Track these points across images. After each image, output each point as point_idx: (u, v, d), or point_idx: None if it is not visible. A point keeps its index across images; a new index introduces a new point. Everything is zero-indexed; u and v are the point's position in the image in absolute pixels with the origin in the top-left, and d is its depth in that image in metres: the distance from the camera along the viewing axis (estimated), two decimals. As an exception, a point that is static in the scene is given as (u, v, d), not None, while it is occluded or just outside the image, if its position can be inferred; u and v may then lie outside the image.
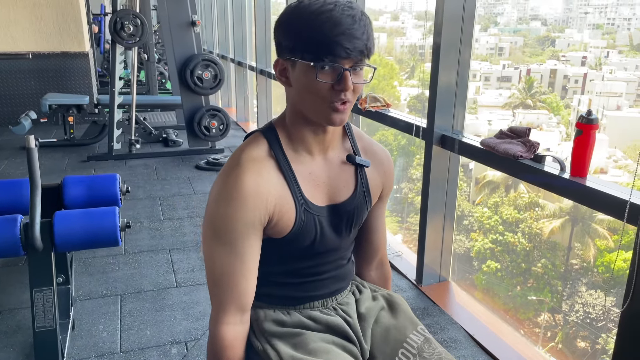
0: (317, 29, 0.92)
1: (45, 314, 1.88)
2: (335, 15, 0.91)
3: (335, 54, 0.92)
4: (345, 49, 0.92)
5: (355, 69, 0.96)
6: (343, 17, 0.92)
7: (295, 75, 0.97)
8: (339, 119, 0.98)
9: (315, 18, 0.92)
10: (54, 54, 6.24)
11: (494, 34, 35.58)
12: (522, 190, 17.15)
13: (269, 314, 1.13)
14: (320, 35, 0.92)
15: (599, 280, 14.04)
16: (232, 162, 1.02)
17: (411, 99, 24.83)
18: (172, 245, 3.13)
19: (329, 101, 0.96)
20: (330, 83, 0.95)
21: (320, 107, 0.97)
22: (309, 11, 0.93)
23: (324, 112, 0.98)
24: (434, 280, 2.65)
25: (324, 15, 0.92)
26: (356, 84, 0.96)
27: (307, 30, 0.93)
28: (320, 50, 0.92)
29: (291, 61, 0.97)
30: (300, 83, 0.97)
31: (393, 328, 1.15)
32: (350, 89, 0.96)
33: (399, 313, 1.19)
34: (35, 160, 1.87)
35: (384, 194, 1.21)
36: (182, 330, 2.28)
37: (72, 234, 1.86)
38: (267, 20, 5.59)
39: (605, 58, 29.56)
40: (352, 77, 0.95)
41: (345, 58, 0.93)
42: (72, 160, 4.92)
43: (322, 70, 0.94)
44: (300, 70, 0.96)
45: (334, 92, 0.95)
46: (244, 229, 0.99)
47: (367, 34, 0.94)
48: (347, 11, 0.93)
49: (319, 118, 1.00)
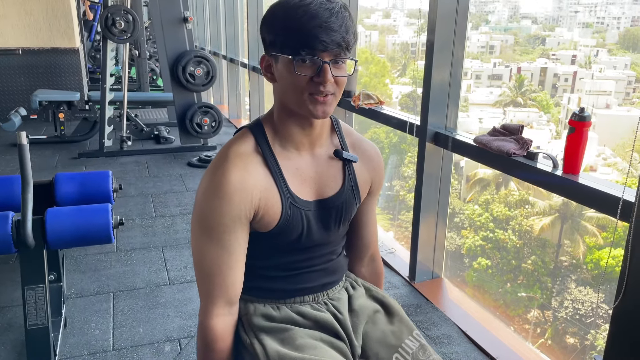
0: (294, 23, 0.94)
1: (37, 311, 1.87)
2: (312, 9, 0.93)
3: (312, 47, 0.94)
4: (322, 42, 0.93)
5: (337, 62, 0.97)
6: (320, 11, 0.93)
7: (279, 71, 0.99)
8: (322, 111, 0.99)
9: (293, 12, 0.94)
10: (43, 50, 6.17)
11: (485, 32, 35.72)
12: (513, 188, 17.27)
13: (259, 308, 1.13)
14: (297, 29, 0.94)
15: (588, 277, 14.18)
16: (219, 157, 1.04)
17: (403, 96, 24.88)
18: (164, 243, 3.12)
19: (309, 93, 0.97)
20: (310, 76, 0.96)
21: (302, 100, 0.98)
22: (288, 6, 0.95)
23: (306, 104, 0.99)
24: (426, 277, 2.66)
25: (301, 9, 0.94)
26: (337, 77, 0.98)
27: (285, 24, 0.95)
28: (297, 43, 0.94)
29: (274, 57, 0.99)
30: (283, 78, 0.99)
31: (389, 332, 1.16)
32: (331, 82, 0.97)
33: (395, 317, 1.20)
34: (26, 156, 1.85)
35: (373, 190, 1.22)
36: (175, 328, 2.27)
37: (64, 231, 1.84)
38: (259, 17, 5.56)
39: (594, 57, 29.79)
40: (333, 70, 0.96)
41: (322, 51, 0.94)
42: (62, 157, 4.88)
43: (303, 63, 0.95)
44: (282, 65, 0.98)
45: (314, 84, 0.97)
46: (230, 223, 1.01)
47: (345, 26, 0.95)
48: (324, 4, 0.94)
49: (302, 111, 1.01)
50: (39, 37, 6.11)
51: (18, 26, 6.00)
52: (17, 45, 6.04)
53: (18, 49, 6.03)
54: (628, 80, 26.90)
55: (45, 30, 6.12)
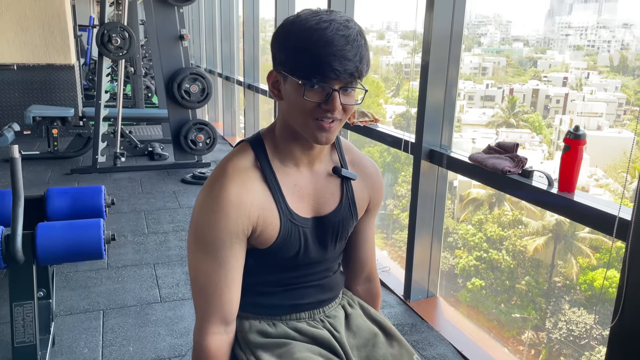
0: (308, 48, 0.91)
1: (25, 328, 1.83)
2: (328, 35, 0.90)
3: (324, 74, 0.91)
4: (334, 71, 0.91)
5: (346, 90, 0.95)
6: (336, 38, 0.90)
7: (286, 90, 0.97)
8: (325, 138, 0.98)
9: (308, 36, 0.91)
10: (39, 66, 6.18)
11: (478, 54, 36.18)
12: (506, 208, 17.30)
13: (254, 324, 1.11)
14: (311, 55, 0.91)
15: (582, 298, 14.14)
16: (217, 171, 1.02)
17: (397, 116, 25.04)
18: (156, 260, 3.08)
19: (315, 119, 0.96)
20: (318, 102, 0.94)
21: (307, 124, 0.97)
22: (304, 27, 0.92)
23: (311, 129, 0.97)
24: (421, 296, 2.63)
25: (317, 33, 0.90)
26: (345, 105, 0.96)
27: (299, 47, 0.92)
28: (309, 69, 0.92)
29: (283, 75, 0.97)
30: (289, 98, 0.97)
31: (390, 355, 1.14)
32: (339, 109, 0.95)
33: (395, 340, 1.18)
34: (18, 170, 1.83)
35: (371, 207, 1.20)
36: (166, 347, 2.23)
37: (55, 246, 1.81)
38: (255, 36, 5.61)
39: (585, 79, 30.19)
40: (342, 98, 0.94)
41: (334, 79, 0.92)
42: (55, 173, 4.84)
43: (311, 89, 0.93)
44: (291, 87, 0.95)
45: (322, 110, 0.95)
46: (227, 239, 0.99)
47: (359, 55, 0.92)
48: (341, 31, 0.91)
49: (306, 134, 0.99)
50: (35, 53, 6.12)
51: (14, 42, 6.01)
52: (12, 61, 6.04)
53: (13, 65, 6.03)
54: (619, 102, 27.23)
55: (41, 47, 6.13)
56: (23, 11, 5.96)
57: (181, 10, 4.88)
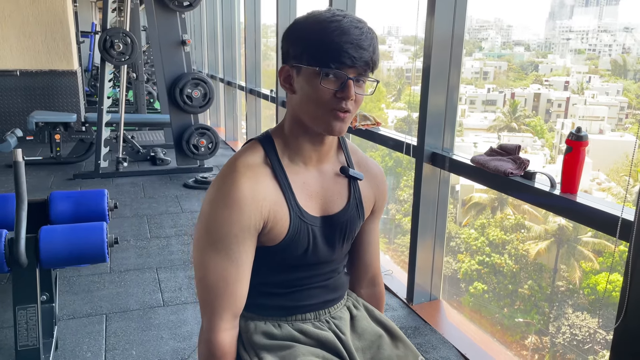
0: (325, 36, 0.94)
1: (29, 332, 1.83)
2: (344, 25, 0.94)
3: (341, 61, 0.94)
4: (351, 57, 0.94)
5: (359, 80, 0.98)
6: (352, 28, 0.94)
7: (299, 82, 0.99)
8: (339, 128, 0.99)
9: (325, 26, 0.95)
10: (41, 72, 6.20)
11: (479, 59, 36.23)
12: (509, 212, 17.27)
13: (260, 325, 1.11)
14: (329, 42, 0.94)
15: (585, 302, 14.09)
16: (227, 168, 1.03)
17: (398, 121, 25.06)
18: (159, 264, 3.08)
19: (331, 108, 0.97)
20: (333, 90, 0.96)
21: (321, 114, 0.98)
22: (319, 20, 0.96)
23: (325, 119, 0.98)
24: (424, 299, 2.63)
25: (334, 24, 0.94)
26: (358, 95, 0.98)
27: (316, 36, 0.96)
28: (327, 55, 0.94)
29: (297, 68, 0.99)
30: (303, 90, 0.98)
31: (395, 357, 1.14)
32: (352, 98, 0.97)
33: (400, 342, 1.18)
34: (22, 174, 1.83)
35: (376, 208, 1.21)
36: (169, 350, 2.22)
37: (58, 249, 1.82)
38: (256, 41, 5.64)
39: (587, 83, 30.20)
40: (355, 88, 0.97)
41: (350, 67, 0.95)
42: (57, 179, 4.85)
43: (327, 77, 0.95)
44: (305, 77, 0.97)
45: (336, 99, 0.97)
46: (240, 234, 0.99)
47: (373, 46, 0.97)
48: (355, 23, 0.96)
49: (319, 126, 1.00)
50: (37, 60, 6.15)
51: (17, 48, 6.04)
52: (15, 67, 6.07)
53: (16, 71, 6.06)
54: (620, 106, 27.22)
55: (44, 53, 6.16)
56: (26, 18, 5.99)
57: (183, 15, 4.90)
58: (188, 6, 4.86)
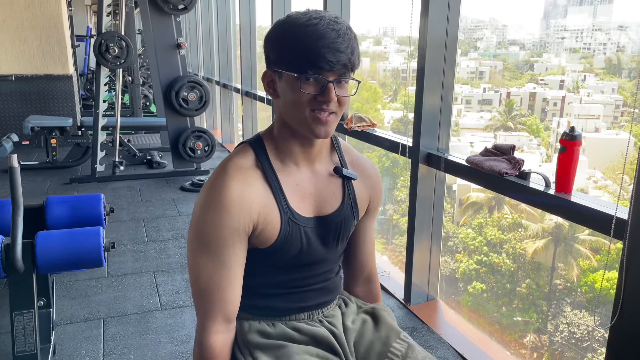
0: (301, 42, 0.95)
1: (26, 338, 1.83)
2: (320, 29, 0.94)
3: (318, 66, 0.95)
4: (328, 62, 0.94)
5: (340, 82, 0.98)
6: (327, 31, 0.94)
7: (282, 87, 1.00)
8: (324, 131, 1.00)
9: (300, 31, 0.95)
10: (37, 77, 6.19)
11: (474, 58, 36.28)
12: (506, 211, 17.30)
13: (254, 325, 1.12)
14: (305, 48, 0.94)
15: (583, 301, 14.11)
16: (218, 171, 1.04)
17: (394, 121, 25.09)
18: (156, 268, 3.08)
19: (312, 112, 0.98)
20: (314, 94, 0.97)
21: (304, 118, 0.99)
22: (295, 25, 0.96)
23: (308, 123, 0.99)
24: (422, 299, 2.63)
25: (309, 28, 0.94)
26: (340, 97, 0.99)
27: (293, 42, 0.96)
28: (304, 62, 0.95)
29: (278, 73, 1.00)
30: (286, 94, 0.99)
31: (376, 340, 1.15)
32: (334, 101, 0.98)
33: (382, 325, 1.19)
34: (17, 179, 1.83)
35: (371, 208, 1.21)
36: (167, 354, 2.22)
37: (55, 254, 1.82)
38: (252, 43, 5.63)
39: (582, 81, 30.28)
40: (337, 90, 0.98)
41: (328, 70, 0.96)
42: (54, 183, 4.85)
43: (306, 81, 0.96)
44: (286, 82, 0.98)
45: (317, 102, 0.97)
46: (230, 237, 1.00)
47: (351, 47, 0.97)
48: (332, 25, 0.95)
49: (304, 130, 1.01)
50: (33, 64, 6.14)
51: (12, 53, 6.03)
52: (10, 71, 6.06)
53: (11, 75, 6.05)
54: (616, 104, 27.30)
55: (39, 57, 6.15)
56: (21, 22, 5.98)
57: (178, 19, 4.90)
58: (183, 9, 4.86)
